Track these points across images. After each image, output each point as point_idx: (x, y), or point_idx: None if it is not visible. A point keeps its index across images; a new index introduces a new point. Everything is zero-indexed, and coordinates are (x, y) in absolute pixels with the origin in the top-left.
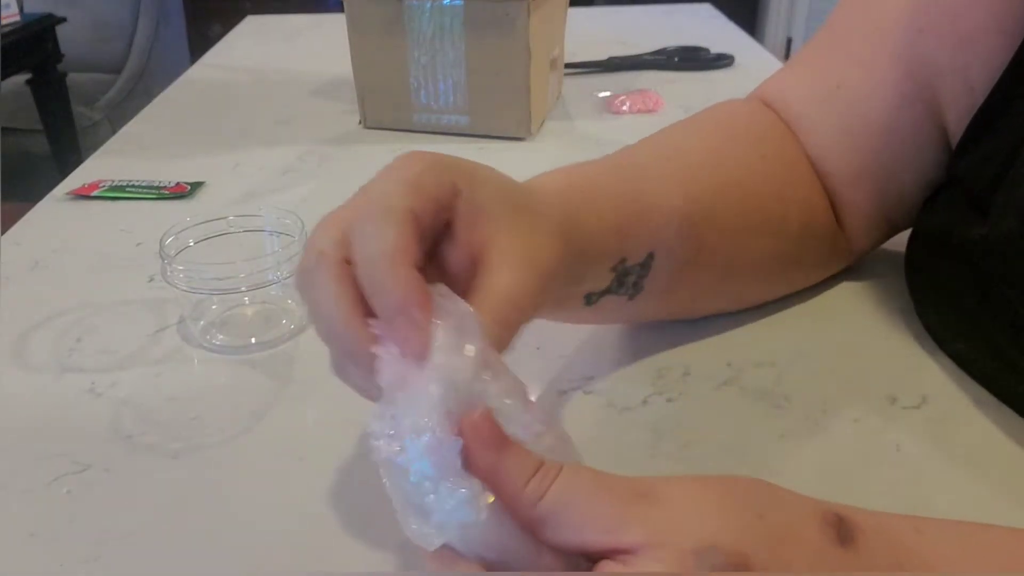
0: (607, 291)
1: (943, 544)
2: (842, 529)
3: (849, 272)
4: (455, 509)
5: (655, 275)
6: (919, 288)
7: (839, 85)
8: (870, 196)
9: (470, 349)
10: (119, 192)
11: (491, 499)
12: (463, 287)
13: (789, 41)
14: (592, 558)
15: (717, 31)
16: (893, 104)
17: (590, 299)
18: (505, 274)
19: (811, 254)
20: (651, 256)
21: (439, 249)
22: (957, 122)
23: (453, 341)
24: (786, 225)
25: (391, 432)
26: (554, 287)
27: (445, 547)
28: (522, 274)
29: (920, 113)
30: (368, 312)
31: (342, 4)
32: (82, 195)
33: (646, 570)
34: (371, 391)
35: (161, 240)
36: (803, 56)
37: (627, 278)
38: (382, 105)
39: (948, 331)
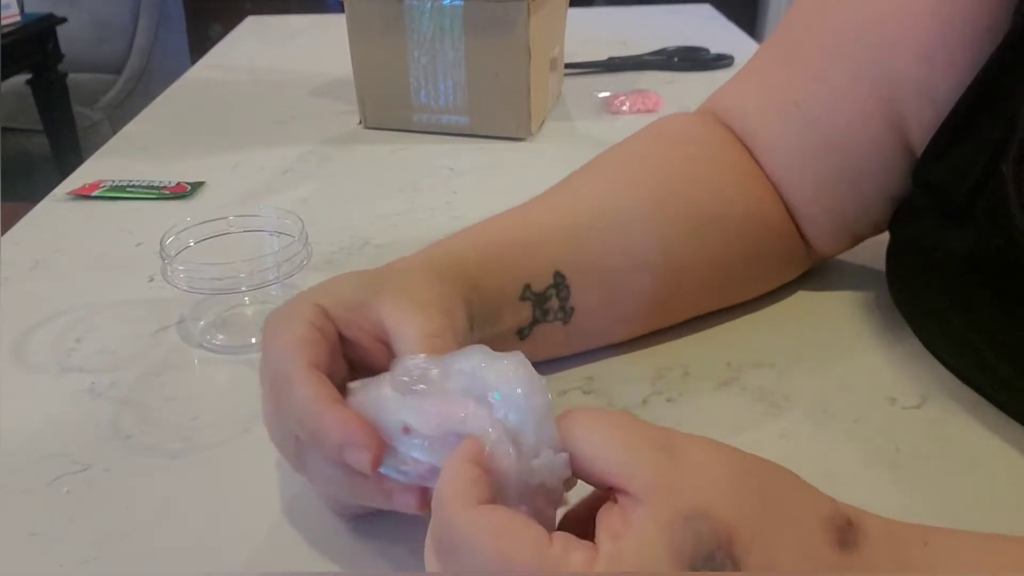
0: (535, 322)
1: (949, 557)
2: (846, 534)
3: (848, 272)
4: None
5: (581, 293)
6: (904, 303)
7: (797, 102)
8: (831, 212)
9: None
10: (119, 192)
11: None
12: None
13: None
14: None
15: (717, 31)
16: (855, 122)
17: (522, 333)
18: (409, 327)
19: (762, 251)
20: (560, 275)
21: (360, 356)
22: (921, 135)
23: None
24: (719, 218)
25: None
26: (460, 310)
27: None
28: (421, 317)
29: (882, 130)
30: None
31: (342, 4)
32: (83, 195)
33: (641, 523)
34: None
35: (161, 240)
36: (756, 67)
37: (547, 303)
38: (382, 105)
39: (937, 346)
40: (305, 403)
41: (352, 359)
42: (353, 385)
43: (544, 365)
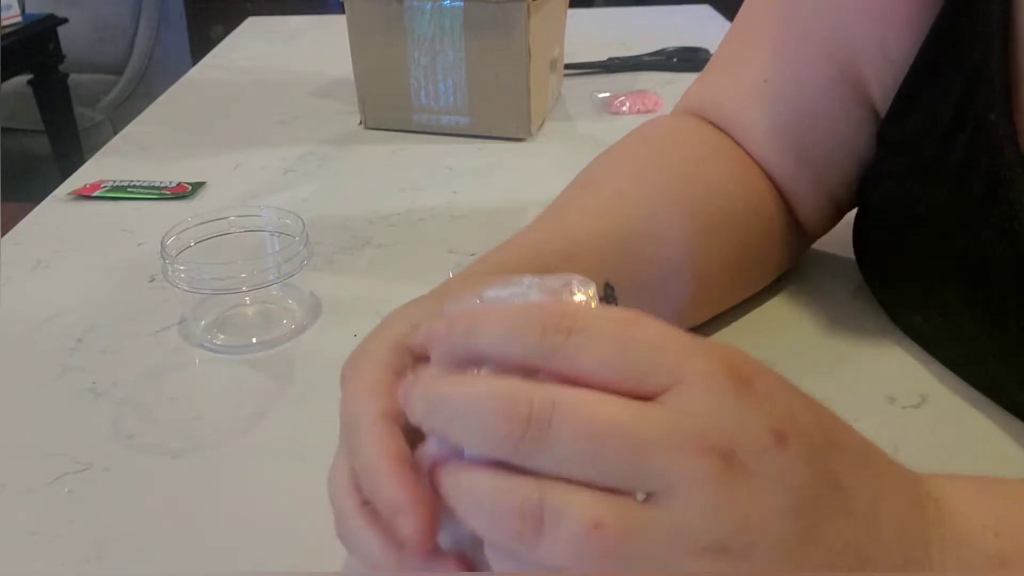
0: None
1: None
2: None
3: (847, 272)
4: None
5: (625, 305)
6: (871, 264)
7: (766, 80)
8: (812, 184)
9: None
10: (121, 192)
11: None
12: None
13: None
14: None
15: (716, 32)
16: (820, 90)
17: None
18: None
19: (766, 241)
20: (610, 287)
21: None
22: (883, 96)
23: None
24: (733, 215)
25: None
26: None
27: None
28: None
29: (847, 95)
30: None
31: (343, 5)
32: (84, 195)
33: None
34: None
35: (162, 240)
36: (722, 58)
37: None
38: (382, 106)
39: (903, 305)
40: (370, 457)
41: None
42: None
43: None
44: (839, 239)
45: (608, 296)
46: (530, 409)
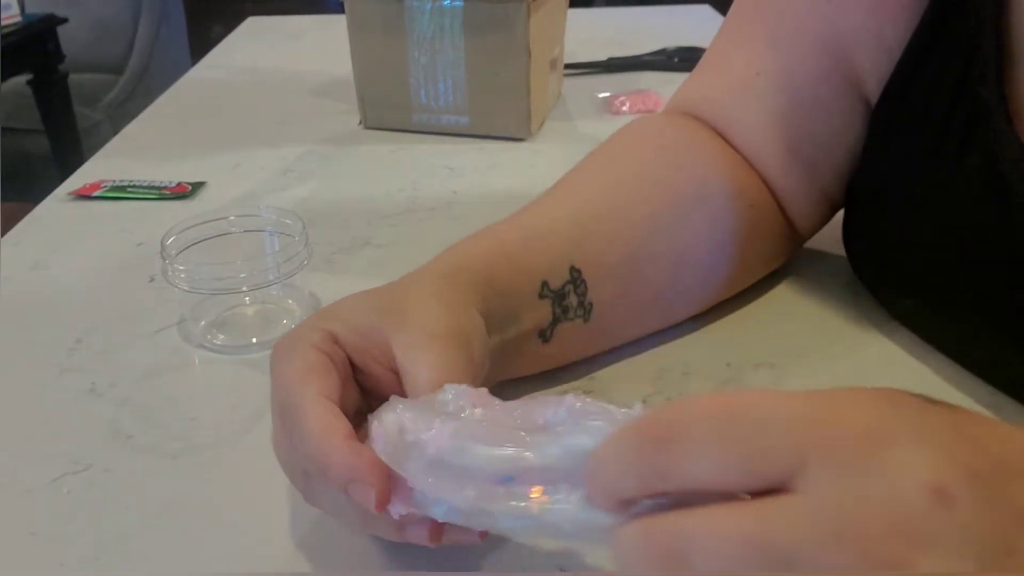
0: (556, 321)
1: None
2: None
3: (847, 273)
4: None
5: (597, 288)
6: (862, 254)
7: (759, 72)
8: (804, 177)
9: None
10: (120, 192)
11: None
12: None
13: None
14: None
15: (716, 32)
16: (814, 81)
17: (544, 335)
18: (422, 367)
19: (748, 229)
20: (576, 270)
21: (371, 384)
22: (877, 84)
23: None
24: (707, 197)
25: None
26: (478, 335)
27: None
28: (433, 355)
29: (841, 85)
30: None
31: (342, 5)
32: (83, 195)
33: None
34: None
35: (162, 240)
36: (713, 55)
37: (566, 300)
38: (382, 105)
39: (897, 291)
40: (313, 437)
41: (362, 385)
42: (389, 414)
43: None
44: (834, 239)
45: (575, 279)
46: (666, 544)
